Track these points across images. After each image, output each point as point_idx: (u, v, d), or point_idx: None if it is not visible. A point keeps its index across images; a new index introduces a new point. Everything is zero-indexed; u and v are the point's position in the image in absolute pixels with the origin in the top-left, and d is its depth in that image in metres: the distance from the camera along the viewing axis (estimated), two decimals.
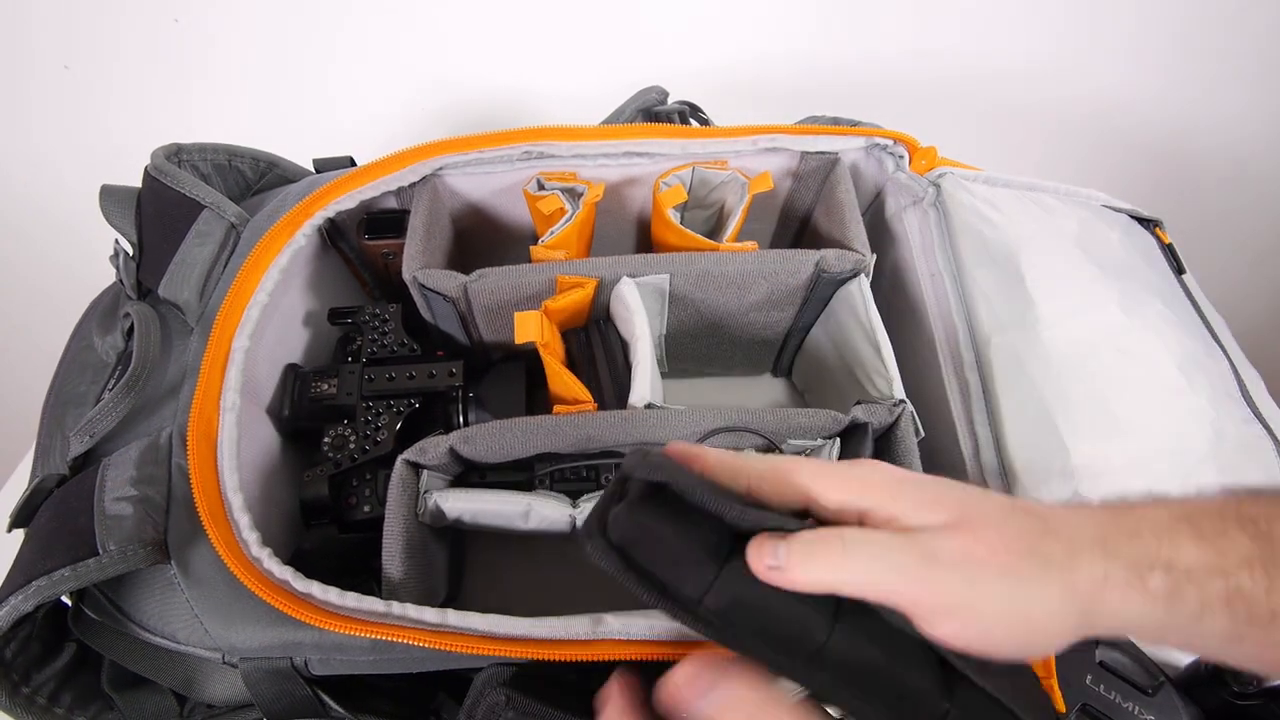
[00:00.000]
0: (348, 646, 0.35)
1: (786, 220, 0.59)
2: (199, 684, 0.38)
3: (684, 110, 0.55)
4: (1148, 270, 0.50)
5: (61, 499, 0.37)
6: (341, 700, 0.37)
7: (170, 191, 0.45)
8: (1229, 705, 0.43)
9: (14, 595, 0.33)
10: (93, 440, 0.40)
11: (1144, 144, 0.85)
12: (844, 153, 0.52)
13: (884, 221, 0.55)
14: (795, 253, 0.47)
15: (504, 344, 0.51)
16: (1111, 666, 0.43)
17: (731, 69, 0.76)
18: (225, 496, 0.38)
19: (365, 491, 0.44)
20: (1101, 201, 0.53)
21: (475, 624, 0.34)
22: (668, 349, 0.55)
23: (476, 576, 0.51)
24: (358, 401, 0.46)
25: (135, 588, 0.36)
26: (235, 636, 0.35)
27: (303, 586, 0.35)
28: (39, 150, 0.78)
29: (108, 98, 0.74)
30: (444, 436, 0.41)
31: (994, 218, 0.49)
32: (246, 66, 0.73)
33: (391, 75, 0.76)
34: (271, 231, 0.46)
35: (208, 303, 0.44)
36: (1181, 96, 0.81)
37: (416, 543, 0.40)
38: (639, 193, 0.54)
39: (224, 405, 0.40)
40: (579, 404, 0.43)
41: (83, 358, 0.48)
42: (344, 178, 0.48)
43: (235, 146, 0.52)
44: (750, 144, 0.51)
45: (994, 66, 0.78)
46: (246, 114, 0.77)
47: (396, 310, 0.50)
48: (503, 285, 0.46)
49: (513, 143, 0.48)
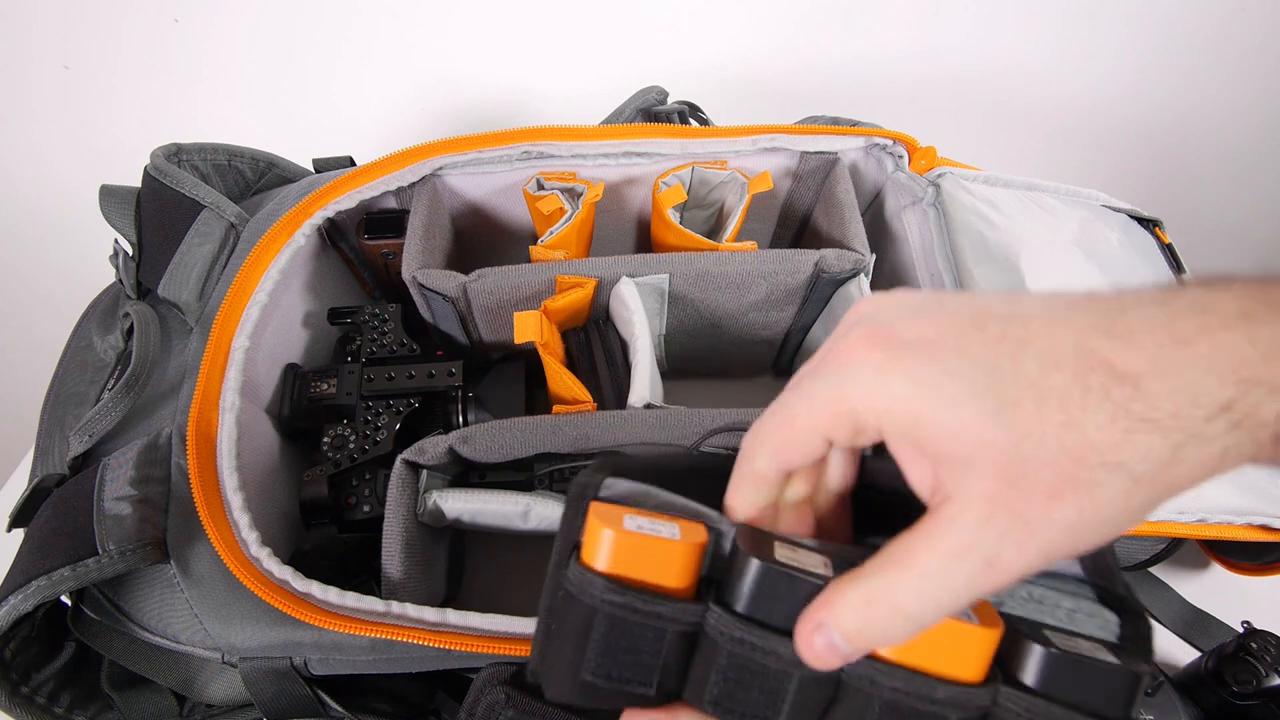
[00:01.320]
0: (347, 646, 0.35)
1: (786, 220, 0.59)
2: (198, 684, 0.38)
3: (684, 110, 0.55)
4: (1148, 270, 0.50)
5: (61, 499, 0.37)
6: (341, 700, 0.37)
7: (170, 191, 0.45)
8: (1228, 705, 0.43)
9: (14, 595, 0.33)
10: (92, 440, 0.40)
11: (1144, 144, 0.85)
12: (843, 152, 0.52)
13: (884, 221, 0.55)
14: (795, 252, 0.47)
15: (504, 344, 0.51)
16: None
17: (731, 69, 0.76)
18: (225, 496, 0.38)
19: (365, 491, 0.44)
20: (1101, 201, 0.53)
21: (475, 623, 0.34)
22: (667, 349, 0.55)
23: (476, 576, 0.51)
24: (357, 401, 0.46)
25: (135, 587, 0.36)
26: (235, 636, 0.35)
27: (302, 586, 0.35)
28: (39, 150, 0.78)
29: (108, 98, 0.74)
30: (443, 436, 0.41)
31: (993, 217, 0.49)
32: (246, 66, 0.73)
33: (391, 75, 0.76)
34: (271, 231, 0.46)
35: (207, 302, 0.44)
36: (1182, 97, 0.81)
37: (416, 543, 0.40)
38: (638, 193, 0.54)
39: (223, 405, 0.40)
40: (578, 404, 0.43)
41: (82, 357, 0.48)
42: (344, 178, 0.48)
43: (235, 146, 0.52)
44: (750, 144, 0.51)
45: (994, 66, 0.78)
46: (246, 114, 0.77)
47: (396, 310, 0.50)
48: (502, 285, 0.46)
49: (512, 143, 0.48)
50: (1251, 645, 0.43)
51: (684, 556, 0.21)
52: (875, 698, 0.20)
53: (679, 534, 0.21)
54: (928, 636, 0.19)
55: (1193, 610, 0.50)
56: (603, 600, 0.20)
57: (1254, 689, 0.42)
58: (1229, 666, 0.43)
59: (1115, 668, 0.19)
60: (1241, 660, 0.43)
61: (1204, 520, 0.41)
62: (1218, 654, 0.44)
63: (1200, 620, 0.50)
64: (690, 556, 0.21)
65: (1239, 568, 0.49)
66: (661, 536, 0.21)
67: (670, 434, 0.41)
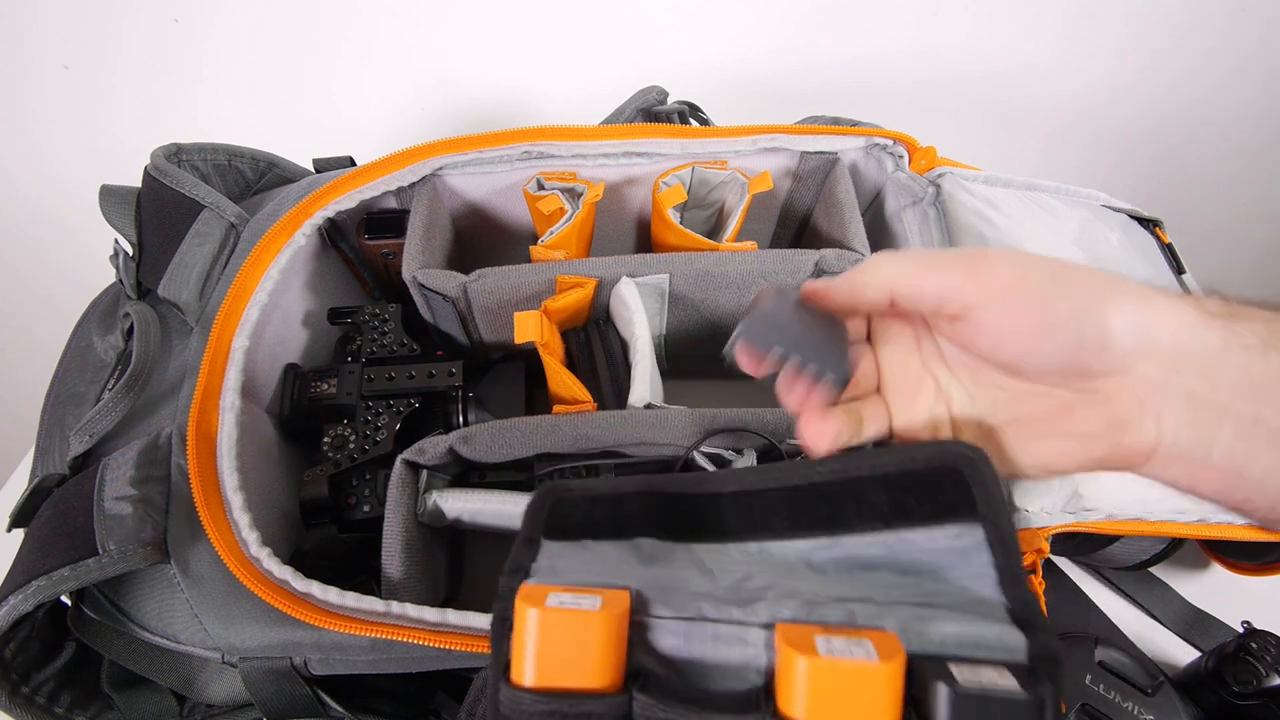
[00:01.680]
0: (347, 646, 0.35)
1: (786, 220, 0.59)
2: (198, 684, 0.38)
3: (684, 110, 0.55)
4: (1148, 270, 0.50)
5: (61, 499, 0.37)
6: (341, 700, 0.37)
7: (170, 191, 0.45)
8: (1228, 705, 0.43)
9: (14, 595, 0.33)
10: (92, 440, 0.40)
11: (1144, 144, 0.85)
12: (843, 152, 0.52)
13: (884, 221, 0.55)
14: (795, 252, 0.47)
15: (504, 344, 0.51)
16: (1111, 666, 0.43)
17: (731, 69, 0.76)
18: (225, 496, 0.38)
19: (365, 491, 0.44)
20: (1101, 201, 0.53)
21: (475, 623, 0.34)
22: (667, 349, 0.55)
23: (476, 576, 0.51)
24: (357, 401, 0.46)
25: (135, 587, 0.36)
26: (235, 636, 0.35)
27: (302, 586, 0.35)
28: (39, 150, 0.78)
29: (108, 98, 0.74)
30: (443, 436, 0.41)
31: (993, 217, 0.49)
32: (246, 66, 0.73)
33: (391, 75, 0.76)
34: (271, 231, 0.46)
35: (207, 302, 0.44)
36: (1182, 96, 0.81)
37: (416, 542, 0.40)
38: (639, 193, 0.54)
39: (223, 405, 0.40)
40: (578, 404, 0.43)
41: (82, 357, 0.48)
42: (344, 178, 0.48)
43: (235, 146, 0.52)
44: (750, 144, 0.51)
45: (993, 66, 0.78)
46: (246, 114, 0.77)
47: (396, 310, 0.50)
48: (502, 285, 0.46)
49: (512, 143, 0.48)
50: (1251, 645, 0.43)
51: (605, 632, 0.22)
52: None
53: (599, 605, 0.22)
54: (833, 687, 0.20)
55: (1193, 610, 0.50)
56: (533, 712, 0.21)
57: (1254, 689, 0.42)
58: (1229, 666, 0.43)
59: (1019, 696, 0.20)
60: (1241, 660, 0.43)
61: (1204, 520, 0.41)
62: (1218, 654, 0.44)
63: (1200, 620, 0.50)
64: (610, 630, 0.22)
65: (1239, 568, 0.49)
66: (583, 609, 0.22)
67: (670, 434, 0.41)
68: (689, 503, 0.29)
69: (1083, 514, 0.40)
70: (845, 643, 0.21)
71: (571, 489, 0.30)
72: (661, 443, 0.41)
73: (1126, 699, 0.42)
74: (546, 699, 0.21)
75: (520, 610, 0.22)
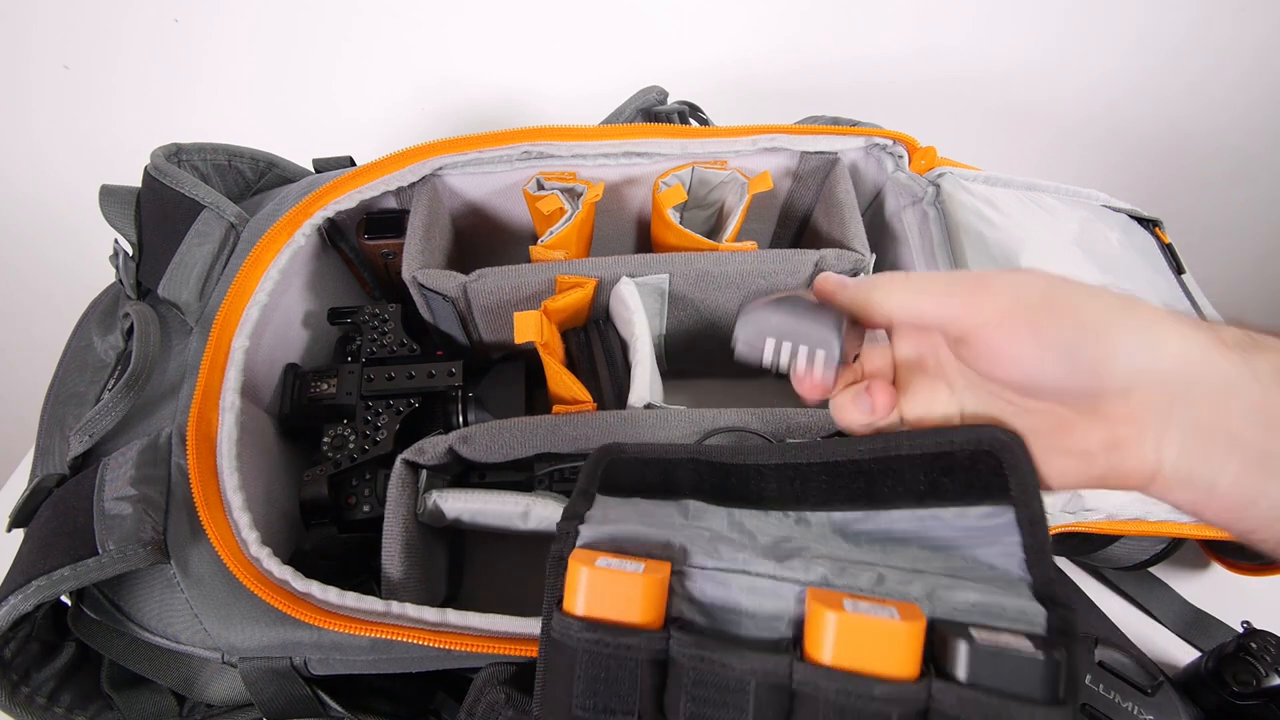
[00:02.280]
0: (347, 646, 0.35)
1: (786, 220, 0.59)
2: (198, 684, 0.38)
3: (684, 110, 0.55)
4: (1147, 270, 0.50)
5: (61, 499, 0.37)
6: (341, 700, 0.37)
7: (170, 192, 0.45)
8: (1228, 705, 0.43)
9: (14, 595, 0.33)
10: (92, 440, 0.40)
11: (1144, 144, 0.85)
12: (843, 152, 0.52)
13: (883, 221, 0.55)
14: (794, 252, 0.47)
15: (504, 344, 0.51)
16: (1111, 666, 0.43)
17: (731, 69, 0.76)
18: (225, 496, 0.38)
19: (365, 491, 0.44)
20: (1101, 201, 0.53)
21: (475, 623, 0.34)
22: (667, 349, 0.55)
23: (476, 576, 0.51)
24: (357, 401, 0.46)
25: (135, 587, 0.36)
26: (234, 636, 0.35)
27: (302, 586, 0.35)
28: (39, 150, 0.78)
29: (108, 98, 0.74)
30: (443, 436, 0.41)
31: (993, 217, 0.49)
32: (246, 66, 0.73)
33: (391, 75, 0.76)
34: (271, 231, 0.46)
35: (207, 302, 0.44)
36: (1182, 97, 0.81)
37: (416, 542, 0.40)
38: (638, 193, 0.54)
39: (223, 405, 0.40)
40: (578, 404, 0.43)
41: (82, 357, 0.48)
42: (344, 178, 0.48)
43: (235, 146, 0.52)
44: (750, 144, 0.51)
45: (994, 66, 0.78)
46: (246, 114, 0.77)
47: (396, 310, 0.50)
48: (502, 285, 0.46)
49: (512, 143, 0.48)
50: (1251, 645, 0.43)
51: (647, 588, 0.24)
52: (823, 701, 0.22)
53: (642, 570, 0.25)
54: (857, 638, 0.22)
55: (1193, 610, 0.50)
56: (580, 638, 0.24)
57: (1254, 689, 0.42)
58: (1229, 666, 0.43)
59: (1035, 656, 0.21)
60: (1241, 660, 0.43)
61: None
62: (1218, 654, 0.44)
63: (1200, 620, 0.50)
64: (652, 588, 0.24)
65: (1239, 568, 0.49)
66: (627, 571, 0.25)
67: (670, 434, 0.41)
68: (737, 473, 0.31)
69: (1083, 514, 0.40)
70: (871, 605, 0.23)
71: (625, 450, 0.32)
72: (661, 442, 0.41)
73: (1126, 699, 0.42)
74: (593, 628, 0.24)
75: (573, 567, 0.25)
